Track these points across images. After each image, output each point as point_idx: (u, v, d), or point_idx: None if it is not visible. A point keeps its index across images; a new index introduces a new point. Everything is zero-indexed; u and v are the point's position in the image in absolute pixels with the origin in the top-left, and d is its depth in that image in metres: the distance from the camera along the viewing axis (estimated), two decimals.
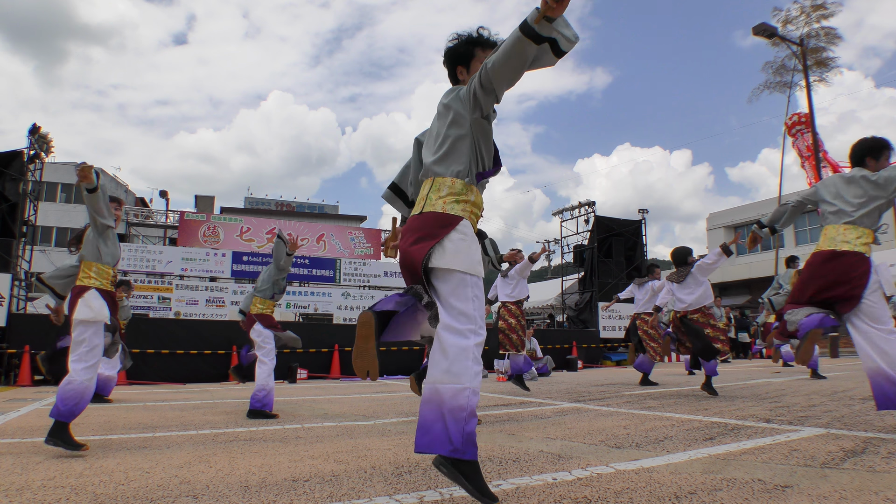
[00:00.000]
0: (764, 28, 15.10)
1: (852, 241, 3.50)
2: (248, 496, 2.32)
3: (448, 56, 2.26)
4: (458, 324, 1.98)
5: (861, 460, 2.73)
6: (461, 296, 2.01)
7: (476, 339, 1.98)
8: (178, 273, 13.79)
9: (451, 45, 2.24)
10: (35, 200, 11.95)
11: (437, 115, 2.25)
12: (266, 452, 3.29)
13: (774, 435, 3.53)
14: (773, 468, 2.61)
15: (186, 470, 2.84)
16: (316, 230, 16.76)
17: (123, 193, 35.51)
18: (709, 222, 31.83)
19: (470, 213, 2.15)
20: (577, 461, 2.86)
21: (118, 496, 2.35)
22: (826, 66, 17.84)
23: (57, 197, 30.89)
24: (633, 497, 2.17)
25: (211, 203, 36.12)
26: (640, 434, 3.67)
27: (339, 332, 12.05)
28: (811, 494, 2.16)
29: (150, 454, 3.29)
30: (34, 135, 11.52)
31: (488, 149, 2.19)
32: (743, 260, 29.14)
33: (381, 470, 2.75)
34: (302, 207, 64.87)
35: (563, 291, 18.99)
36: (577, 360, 13.60)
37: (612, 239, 17.02)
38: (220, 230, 15.39)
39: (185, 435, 4.04)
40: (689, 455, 2.94)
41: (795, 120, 17.15)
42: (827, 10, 17.56)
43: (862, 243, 3.50)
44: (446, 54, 2.26)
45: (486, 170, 2.20)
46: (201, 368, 10.68)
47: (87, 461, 3.11)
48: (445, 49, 2.27)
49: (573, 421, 4.43)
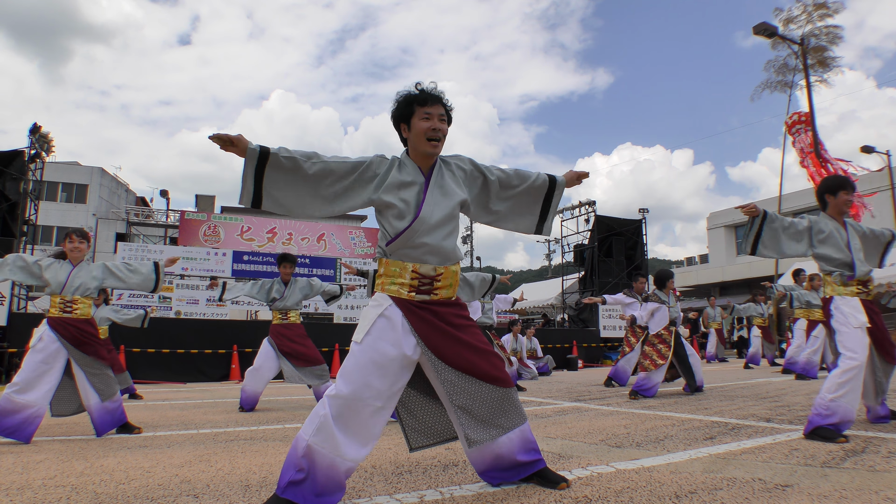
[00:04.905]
0: (764, 27, 15.08)
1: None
2: (249, 495, 2.32)
3: (392, 118, 2.34)
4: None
5: (861, 459, 2.73)
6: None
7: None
8: (179, 272, 13.78)
9: (393, 108, 2.32)
10: (36, 200, 11.95)
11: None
12: (267, 451, 3.29)
13: (775, 434, 3.53)
14: (774, 467, 2.61)
15: (187, 469, 2.84)
16: (316, 229, 16.75)
17: (124, 193, 35.54)
18: (709, 222, 31.79)
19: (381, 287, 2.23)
20: (578, 460, 2.86)
21: (119, 495, 2.36)
22: (827, 65, 17.82)
23: (58, 196, 30.88)
24: (634, 496, 2.17)
25: (212, 202, 36.08)
26: (641, 433, 3.67)
27: (339, 332, 12.05)
28: (811, 494, 2.15)
29: (150, 453, 3.29)
30: (35, 134, 11.52)
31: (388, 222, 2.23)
32: (743, 259, 29.11)
33: (382, 469, 2.75)
34: None
35: (564, 291, 18.97)
36: (577, 359, 13.60)
37: (612, 238, 17.00)
38: (220, 229, 15.39)
39: (186, 434, 4.04)
40: (690, 454, 2.94)
41: (796, 119, 17.11)
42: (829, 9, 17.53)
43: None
44: (391, 116, 2.35)
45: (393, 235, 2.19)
46: (202, 368, 10.68)
47: (87, 460, 3.11)
48: (391, 112, 2.34)
49: (573, 420, 4.43)
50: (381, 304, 2.17)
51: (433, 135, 2.21)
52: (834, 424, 3.25)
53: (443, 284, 2.22)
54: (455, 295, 2.31)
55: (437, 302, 2.21)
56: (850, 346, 3.39)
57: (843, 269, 3.60)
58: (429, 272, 2.18)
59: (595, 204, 17.77)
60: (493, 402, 2.22)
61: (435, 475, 2.60)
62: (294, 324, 5.77)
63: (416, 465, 2.85)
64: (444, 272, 2.21)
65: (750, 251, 3.61)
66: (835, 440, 3.20)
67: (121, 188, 35.26)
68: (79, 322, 4.05)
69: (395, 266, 2.18)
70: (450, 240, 2.24)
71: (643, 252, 17.19)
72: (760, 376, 9.01)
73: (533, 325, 14.05)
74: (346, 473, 2.04)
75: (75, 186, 31.42)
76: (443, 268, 2.21)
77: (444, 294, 2.23)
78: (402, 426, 2.42)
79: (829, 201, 3.74)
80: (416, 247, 2.16)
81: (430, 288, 2.19)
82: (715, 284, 28.43)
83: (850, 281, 3.59)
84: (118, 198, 34.23)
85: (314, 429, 2.00)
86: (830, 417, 3.25)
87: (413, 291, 2.17)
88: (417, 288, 2.17)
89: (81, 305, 4.09)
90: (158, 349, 10.41)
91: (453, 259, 2.26)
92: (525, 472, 2.31)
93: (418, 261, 2.18)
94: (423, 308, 2.17)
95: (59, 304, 4.03)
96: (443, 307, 2.22)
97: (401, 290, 2.16)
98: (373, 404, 2.03)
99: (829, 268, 3.64)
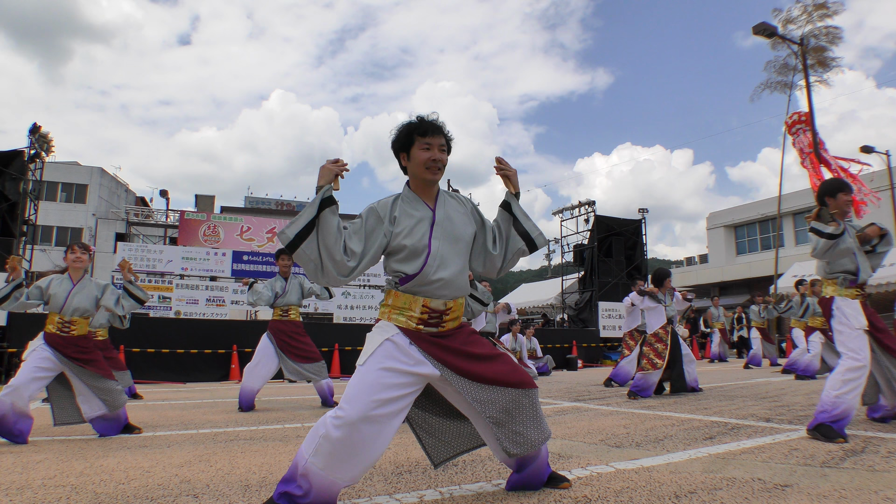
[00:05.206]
0: (764, 27, 15.07)
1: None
2: (249, 495, 2.32)
3: (392, 147, 2.33)
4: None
5: (861, 459, 2.73)
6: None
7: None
8: (179, 272, 13.79)
9: (393, 138, 2.30)
10: (35, 200, 11.95)
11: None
12: (266, 451, 3.29)
13: (774, 434, 3.53)
14: (773, 467, 2.61)
15: (187, 469, 2.84)
16: None
17: (123, 192, 35.53)
18: (709, 222, 31.80)
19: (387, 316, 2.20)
20: (577, 460, 2.87)
21: (118, 495, 2.36)
22: (827, 66, 17.80)
23: (57, 196, 30.86)
24: (633, 496, 2.17)
25: (211, 202, 36.09)
26: (640, 433, 3.67)
27: (339, 332, 12.05)
28: (811, 493, 2.16)
29: (150, 453, 3.29)
30: (34, 134, 11.52)
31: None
32: (743, 259, 29.12)
33: (382, 469, 2.75)
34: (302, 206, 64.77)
35: (563, 291, 18.98)
36: (577, 359, 13.60)
37: (612, 238, 17.00)
38: (220, 229, 15.40)
39: (186, 434, 4.04)
40: (689, 454, 2.94)
41: (795, 119, 17.10)
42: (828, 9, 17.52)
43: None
44: (391, 146, 2.33)
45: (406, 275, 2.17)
46: (202, 368, 10.67)
47: (87, 460, 3.11)
48: (391, 141, 2.32)
49: (573, 420, 4.43)
50: (387, 330, 2.14)
51: (433, 165, 2.20)
52: (837, 419, 3.28)
53: (451, 317, 2.21)
54: (461, 322, 2.30)
55: (445, 333, 2.19)
56: (852, 347, 3.41)
57: (848, 275, 3.63)
58: (439, 307, 2.16)
59: (595, 204, 17.78)
60: (525, 408, 2.20)
61: (435, 475, 2.61)
62: (293, 321, 5.80)
63: (416, 465, 2.85)
64: (453, 306, 2.20)
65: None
66: (834, 440, 3.21)
67: (120, 188, 35.25)
68: (76, 339, 4.05)
69: (404, 299, 2.16)
70: (463, 273, 2.22)
71: (643, 252, 17.20)
72: (760, 376, 9.01)
73: (532, 325, 14.04)
74: (341, 489, 2.05)
75: (75, 186, 31.41)
76: (453, 301, 2.19)
77: (451, 326, 2.22)
78: (422, 445, 2.40)
79: (830, 204, 3.76)
80: (429, 283, 2.14)
81: (438, 321, 2.17)
82: (714, 284, 28.43)
83: (852, 286, 3.62)
84: (118, 198, 34.22)
85: (313, 449, 1.98)
86: (834, 410, 3.29)
87: (421, 324, 2.15)
88: (426, 321, 2.15)
89: (79, 326, 4.09)
90: (158, 349, 10.41)
91: (465, 292, 2.25)
92: (544, 481, 2.34)
93: (430, 296, 2.15)
94: (431, 339, 2.15)
95: (57, 322, 4.03)
96: (449, 338, 2.20)
97: (409, 322, 2.14)
98: (376, 426, 1.98)
99: (835, 272, 3.67)
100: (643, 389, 5.99)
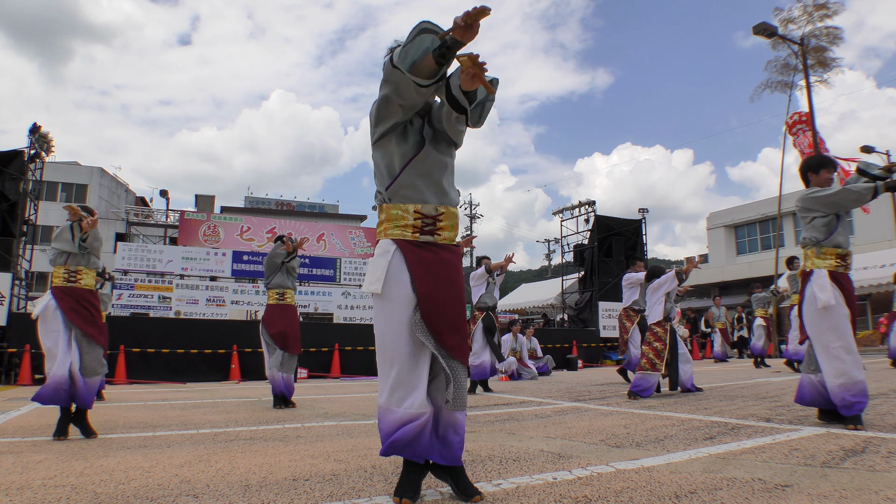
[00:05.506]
0: (764, 27, 15.09)
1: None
2: (249, 495, 2.32)
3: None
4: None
5: (861, 459, 2.73)
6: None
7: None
8: (179, 272, 13.79)
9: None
10: (35, 200, 11.96)
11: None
12: (266, 451, 3.29)
13: (774, 434, 3.53)
14: (773, 467, 2.61)
15: (187, 469, 2.84)
16: (316, 229, 16.78)
17: (123, 192, 35.54)
18: (709, 221, 31.82)
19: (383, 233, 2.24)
20: (578, 460, 2.86)
21: (118, 495, 2.35)
22: (827, 66, 17.80)
23: (57, 196, 30.90)
24: (634, 496, 2.17)
25: (211, 202, 36.12)
26: (641, 433, 3.67)
27: (339, 332, 12.05)
28: (811, 494, 2.15)
29: (150, 453, 3.29)
30: (34, 134, 11.53)
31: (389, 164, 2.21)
32: (743, 259, 29.13)
33: (382, 469, 2.75)
34: (302, 207, 64.80)
35: (564, 291, 18.99)
36: (577, 359, 13.61)
37: (612, 238, 17.02)
38: (220, 229, 15.41)
39: (186, 434, 4.04)
40: (690, 454, 2.94)
41: (796, 119, 17.11)
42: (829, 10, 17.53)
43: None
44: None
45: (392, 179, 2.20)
46: (202, 368, 10.68)
47: (87, 460, 3.11)
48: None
49: (573, 420, 4.43)
50: (387, 250, 2.20)
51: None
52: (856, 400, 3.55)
53: (445, 225, 2.24)
54: (456, 239, 2.34)
55: (441, 245, 2.23)
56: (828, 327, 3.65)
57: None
58: (430, 212, 2.20)
59: (595, 204, 17.79)
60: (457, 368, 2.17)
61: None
62: (290, 305, 6.02)
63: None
64: (444, 212, 2.23)
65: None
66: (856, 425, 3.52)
67: (120, 188, 35.26)
68: (83, 292, 4.14)
69: (396, 209, 2.20)
70: (448, 178, 2.28)
71: (643, 252, 17.21)
72: (760, 376, 9.01)
73: (532, 325, 14.04)
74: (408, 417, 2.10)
75: (75, 186, 31.44)
76: (444, 207, 2.23)
77: (447, 236, 2.25)
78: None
79: (812, 179, 3.82)
80: (415, 186, 2.18)
81: (433, 228, 2.21)
82: (715, 284, 28.43)
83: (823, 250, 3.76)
84: (118, 198, 34.24)
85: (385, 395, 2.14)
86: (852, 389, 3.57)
87: (417, 232, 2.20)
88: (421, 229, 2.20)
89: (85, 276, 4.19)
90: (158, 349, 10.41)
91: (453, 200, 2.29)
92: (443, 457, 2.18)
93: (420, 201, 2.20)
94: (427, 249, 2.19)
95: (63, 274, 4.12)
96: (445, 251, 2.24)
97: (405, 232, 2.19)
98: (413, 347, 2.10)
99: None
100: (643, 390, 5.99)
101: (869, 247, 21.96)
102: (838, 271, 3.73)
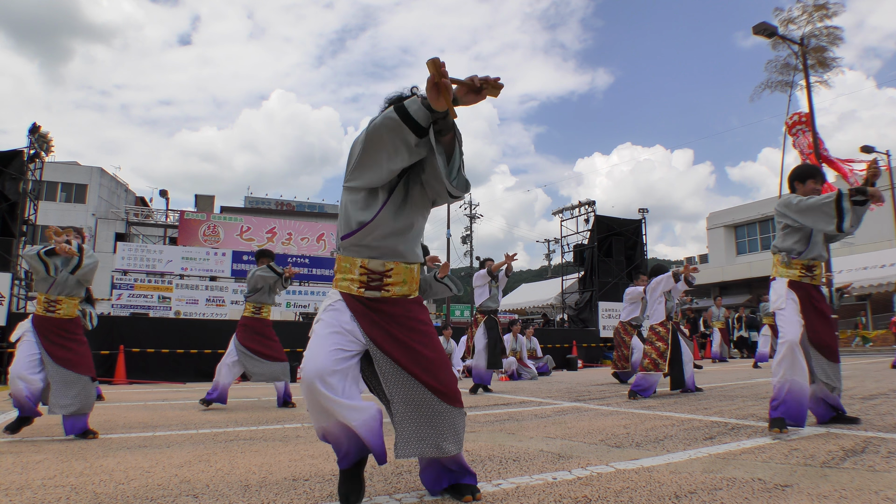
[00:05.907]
0: (764, 27, 15.08)
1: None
2: (248, 495, 2.32)
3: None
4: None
5: (861, 459, 2.73)
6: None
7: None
8: (178, 272, 13.78)
9: (383, 108, 2.16)
10: (35, 200, 11.95)
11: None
12: (266, 452, 3.29)
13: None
14: (773, 467, 2.61)
15: (186, 469, 2.84)
16: (316, 229, 16.77)
17: (123, 192, 35.53)
18: (709, 221, 31.83)
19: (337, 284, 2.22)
20: (577, 460, 2.86)
21: (118, 495, 2.35)
22: (827, 66, 17.82)
23: (57, 196, 30.87)
24: (633, 496, 2.17)
25: (211, 202, 36.11)
26: (640, 433, 3.67)
27: None
28: (811, 494, 2.15)
29: (150, 453, 3.29)
30: (34, 134, 11.52)
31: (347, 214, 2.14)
32: (743, 259, 29.13)
33: (381, 469, 2.75)
34: (302, 207, 64.88)
35: (563, 291, 18.98)
36: (577, 359, 13.59)
37: (612, 238, 17.01)
38: (220, 229, 15.40)
39: (185, 434, 4.04)
40: (689, 454, 2.94)
41: (796, 119, 17.11)
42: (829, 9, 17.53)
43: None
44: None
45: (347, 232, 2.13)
46: (201, 368, 10.66)
47: (87, 460, 3.11)
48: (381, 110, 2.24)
49: (573, 420, 4.43)
50: (331, 298, 2.19)
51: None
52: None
53: (394, 281, 2.16)
54: (414, 293, 2.26)
55: (388, 300, 2.16)
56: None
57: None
58: (378, 268, 2.14)
59: (595, 204, 17.79)
60: (428, 412, 2.09)
61: None
62: (265, 319, 6.27)
63: (415, 465, 2.85)
64: (394, 267, 2.16)
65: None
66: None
67: (120, 188, 35.25)
68: (62, 322, 4.08)
69: (346, 262, 2.17)
70: (406, 244, 2.17)
71: (643, 252, 17.19)
72: (760, 376, 9.01)
73: (532, 325, 14.03)
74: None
75: (75, 186, 31.42)
76: (393, 263, 2.15)
77: (396, 291, 2.18)
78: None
79: (798, 188, 3.82)
80: (368, 245, 2.11)
81: (380, 284, 2.15)
82: (715, 284, 28.43)
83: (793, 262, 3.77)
84: (118, 198, 34.23)
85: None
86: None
87: (363, 287, 2.15)
88: (367, 284, 2.15)
89: (65, 306, 4.11)
90: (158, 349, 10.41)
91: (409, 259, 2.19)
92: (451, 481, 2.21)
93: (368, 257, 2.14)
94: (372, 305, 2.13)
95: (43, 302, 4.08)
96: (394, 306, 2.16)
97: (351, 286, 2.16)
98: (343, 364, 2.04)
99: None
100: (644, 389, 5.98)
101: (869, 247, 21.95)
102: (802, 281, 3.74)
